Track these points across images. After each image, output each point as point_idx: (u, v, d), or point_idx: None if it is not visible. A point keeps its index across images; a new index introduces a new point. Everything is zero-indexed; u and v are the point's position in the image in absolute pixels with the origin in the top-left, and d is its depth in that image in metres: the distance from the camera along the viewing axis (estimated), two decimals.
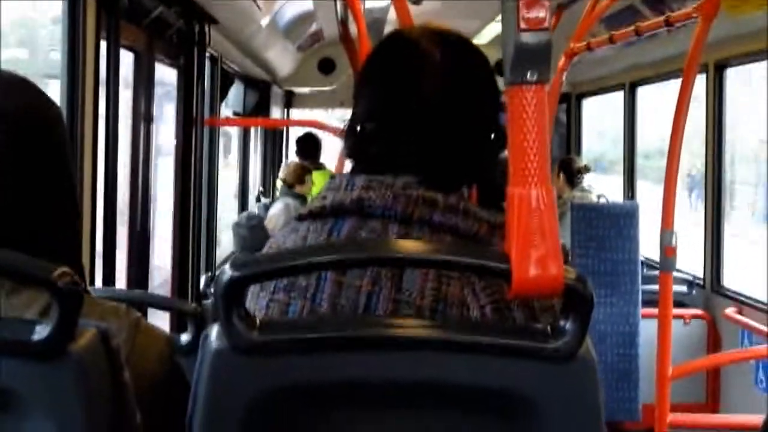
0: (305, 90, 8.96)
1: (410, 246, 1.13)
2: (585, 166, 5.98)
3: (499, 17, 1.08)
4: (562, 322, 1.06)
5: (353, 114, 1.38)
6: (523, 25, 1.02)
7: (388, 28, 7.91)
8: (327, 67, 8.45)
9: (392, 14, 6.08)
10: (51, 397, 1.07)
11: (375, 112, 1.35)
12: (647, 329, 4.26)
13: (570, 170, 5.84)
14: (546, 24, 1.03)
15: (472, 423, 1.09)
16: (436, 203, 1.26)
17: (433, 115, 1.31)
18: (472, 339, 1.07)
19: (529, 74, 1.04)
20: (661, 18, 3.44)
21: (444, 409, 1.09)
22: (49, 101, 1.27)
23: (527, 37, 1.02)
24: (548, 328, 1.07)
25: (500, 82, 1.12)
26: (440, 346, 1.07)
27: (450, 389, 1.08)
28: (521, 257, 1.04)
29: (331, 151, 8.94)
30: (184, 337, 1.79)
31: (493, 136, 1.35)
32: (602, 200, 5.79)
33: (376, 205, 1.26)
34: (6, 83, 1.24)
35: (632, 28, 3.67)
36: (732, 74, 5.00)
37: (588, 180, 6.02)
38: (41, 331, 1.05)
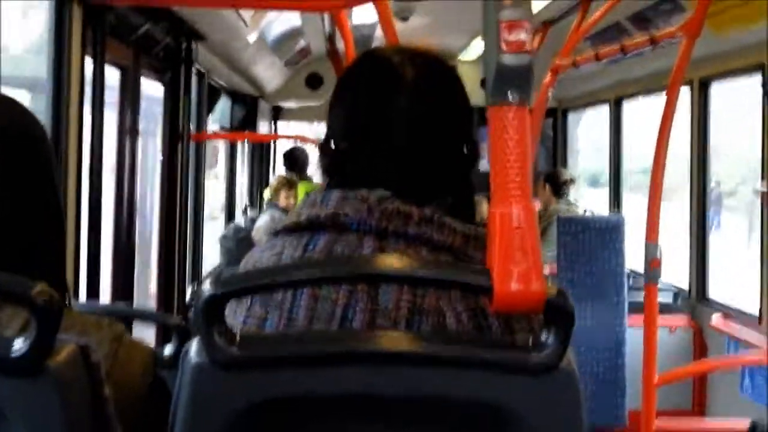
0: (293, 104, 8.98)
1: (392, 262, 1.13)
2: (571, 178, 6.05)
3: None
4: (543, 336, 1.06)
5: (327, 131, 1.39)
6: (504, 48, 1.03)
7: (375, 45, 7.96)
8: (315, 82, 8.47)
9: (380, 31, 6.10)
10: (30, 413, 1.06)
11: (348, 129, 1.36)
12: (635, 338, 4.29)
13: (556, 182, 5.89)
14: (527, 47, 1.04)
15: None
16: (410, 216, 1.27)
17: (405, 131, 1.32)
18: (452, 353, 1.08)
19: (510, 95, 1.04)
20: (646, 37, 3.47)
21: (426, 423, 1.10)
22: (34, 119, 1.28)
23: (508, 59, 1.03)
24: (529, 341, 1.08)
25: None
26: (421, 360, 1.07)
27: (431, 403, 1.08)
28: (503, 273, 1.05)
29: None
30: (168, 350, 1.78)
31: (466, 150, 1.36)
32: (588, 214, 5.82)
33: (351, 219, 1.27)
34: None
35: (618, 46, 3.69)
36: (745, 86, 5.00)
37: (574, 193, 6.06)
38: (19, 348, 1.04)
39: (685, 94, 4.72)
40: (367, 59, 1.43)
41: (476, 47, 6.90)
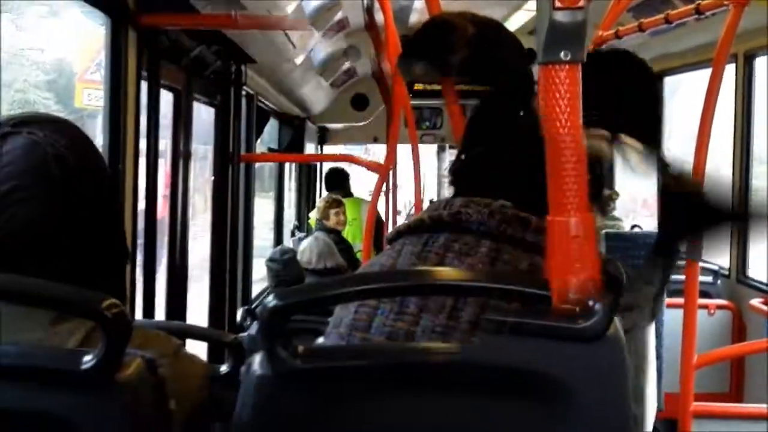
0: (339, 126, 9.04)
1: (452, 274, 1.15)
2: (615, 191, 5.96)
3: (527, 5, 1.08)
4: (591, 302, 1.06)
5: (462, 146, 1.47)
6: (558, 4, 1.01)
7: (414, 17, 7.91)
8: (360, 102, 8.53)
9: (418, 2, 6.03)
10: (99, 426, 1.09)
11: (480, 141, 1.43)
12: (672, 319, 4.20)
13: (599, 199, 5.79)
14: (581, 2, 1.02)
15: (504, 402, 1.10)
16: (528, 223, 1.30)
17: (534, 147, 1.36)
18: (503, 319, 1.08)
19: (563, 53, 1.03)
20: (692, 6, 3.40)
21: (476, 389, 1.10)
22: (89, 140, 1.31)
23: (562, 16, 1.02)
24: (577, 308, 1.07)
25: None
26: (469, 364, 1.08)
27: (479, 369, 1.09)
28: (560, 283, 1.05)
29: (365, 184, 8.97)
30: (223, 368, 1.81)
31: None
32: (636, 230, 5.75)
33: (472, 220, 1.31)
34: (54, 124, 1.28)
35: (662, 15, 3.62)
36: None
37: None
38: (89, 360, 1.07)
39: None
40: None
41: (517, 19, 6.86)
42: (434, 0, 2.36)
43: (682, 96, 7.17)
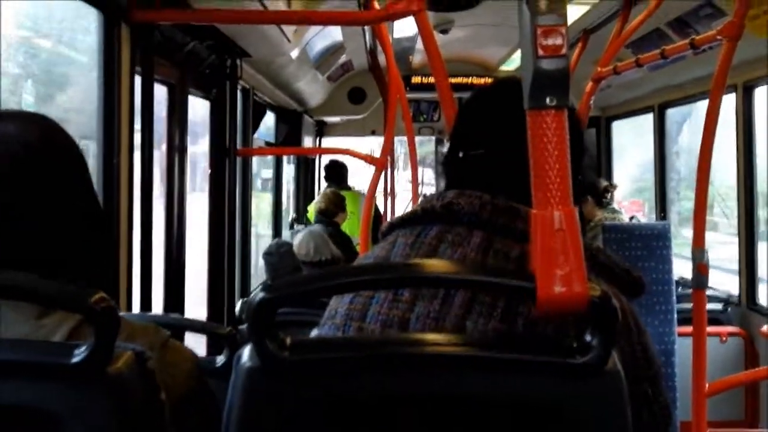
0: (336, 119, 9.06)
1: (439, 266, 1.16)
2: (611, 183, 6.01)
3: None
4: (588, 338, 1.08)
5: (454, 142, 1.47)
6: (540, 52, 1.05)
7: (416, 57, 7.99)
8: (357, 96, 8.56)
9: (420, 44, 6.10)
10: (90, 419, 1.10)
11: (479, 142, 1.43)
12: (685, 348, 4.24)
13: (596, 192, 5.83)
14: (563, 51, 1.06)
15: None
16: (519, 212, 1.32)
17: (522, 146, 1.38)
18: (500, 355, 1.09)
19: (548, 99, 1.07)
20: (686, 41, 3.45)
21: (474, 424, 1.11)
22: (63, 131, 1.33)
23: (545, 64, 1.05)
24: (574, 343, 1.09)
25: None
26: (469, 363, 1.09)
27: (480, 404, 1.10)
28: (545, 276, 1.06)
29: (362, 176, 8.99)
30: (219, 359, 1.83)
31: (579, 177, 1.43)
32: (634, 221, 5.80)
33: (464, 212, 1.33)
34: (24, 117, 1.30)
35: (658, 51, 3.69)
36: None
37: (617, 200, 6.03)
38: (79, 354, 1.08)
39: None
40: (505, 83, 1.49)
41: (517, 59, 6.92)
42: (432, 42, 2.41)
43: (689, 127, 7.15)
